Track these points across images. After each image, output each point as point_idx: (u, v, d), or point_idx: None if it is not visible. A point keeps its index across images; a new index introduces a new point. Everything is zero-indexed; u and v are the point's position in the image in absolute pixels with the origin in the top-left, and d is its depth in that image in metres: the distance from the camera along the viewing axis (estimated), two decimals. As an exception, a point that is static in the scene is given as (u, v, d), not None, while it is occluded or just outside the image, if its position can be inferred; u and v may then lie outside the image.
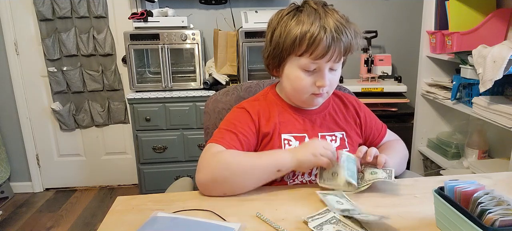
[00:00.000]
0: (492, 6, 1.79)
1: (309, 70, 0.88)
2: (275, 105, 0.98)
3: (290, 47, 0.88)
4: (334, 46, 0.85)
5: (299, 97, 0.94)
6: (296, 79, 0.90)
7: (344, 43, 0.86)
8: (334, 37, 0.85)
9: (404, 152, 1.05)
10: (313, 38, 0.84)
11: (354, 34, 0.89)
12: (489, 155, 1.89)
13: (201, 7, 2.51)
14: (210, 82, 2.23)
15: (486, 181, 0.90)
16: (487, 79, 1.44)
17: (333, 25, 0.85)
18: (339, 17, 0.89)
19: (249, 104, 0.98)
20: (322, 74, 0.88)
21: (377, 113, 2.38)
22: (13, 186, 2.70)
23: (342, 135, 0.99)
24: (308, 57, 0.86)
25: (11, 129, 2.61)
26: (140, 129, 2.20)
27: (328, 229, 0.69)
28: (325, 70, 0.88)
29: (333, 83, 0.93)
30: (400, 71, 2.66)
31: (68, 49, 2.45)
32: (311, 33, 0.84)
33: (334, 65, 0.89)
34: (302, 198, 0.82)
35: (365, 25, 2.53)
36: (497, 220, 0.58)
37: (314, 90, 0.90)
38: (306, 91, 0.91)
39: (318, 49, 0.85)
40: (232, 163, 0.82)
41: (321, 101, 0.98)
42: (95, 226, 2.24)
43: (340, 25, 0.86)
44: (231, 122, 0.94)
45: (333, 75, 0.91)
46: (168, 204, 0.82)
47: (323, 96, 0.94)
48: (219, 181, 0.82)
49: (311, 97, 0.93)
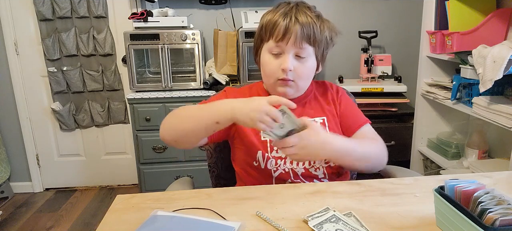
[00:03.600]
0: (492, 6, 1.79)
1: (274, 53, 0.95)
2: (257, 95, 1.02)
3: (260, 34, 0.98)
4: (293, 29, 0.91)
5: (269, 83, 0.99)
6: (265, 64, 0.97)
7: (305, 28, 0.91)
8: (292, 20, 0.91)
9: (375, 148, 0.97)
10: (274, 21, 0.93)
11: (322, 25, 0.95)
12: (489, 155, 1.89)
13: (201, 7, 2.51)
14: (210, 82, 2.23)
15: (486, 180, 0.90)
16: (487, 79, 1.44)
17: (295, 12, 0.93)
18: (309, 11, 0.95)
19: (231, 90, 1.07)
20: (285, 57, 0.93)
21: (377, 114, 2.38)
22: (13, 186, 2.70)
23: (323, 119, 1.02)
24: (272, 40, 0.94)
25: (11, 129, 2.61)
26: (140, 129, 2.20)
27: (328, 227, 0.69)
28: (288, 54, 0.93)
29: (300, 73, 0.95)
30: (400, 71, 2.66)
31: (68, 49, 2.45)
32: (274, 18, 0.94)
33: (299, 51, 0.93)
34: (302, 197, 0.82)
35: (365, 25, 2.53)
36: (497, 220, 0.58)
37: (279, 74, 0.94)
38: (273, 75, 0.96)
39: (278, 31, 0.92)
40: (180, 111, 0.91)
41: (290, 92, 0.97)
42: (95, 226, 2.23)
43: (304, 14, 0.93)
44: (212, 99, 1.03)
45: (301, 64, 0.95)
46: (167, 202, 0.82)
47: (291, 86, 0.96)
48: (170, 126, 0.91)
49: (278, 84, 0.96)
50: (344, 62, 2.63)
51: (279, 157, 0.97)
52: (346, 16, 2.57)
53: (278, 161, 0.97)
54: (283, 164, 0.97)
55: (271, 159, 0.97)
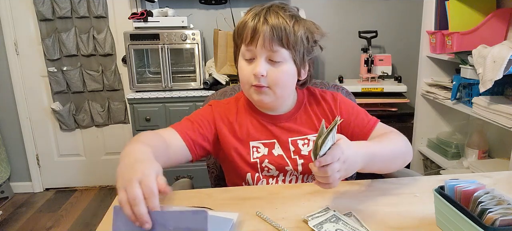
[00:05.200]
0: (492, 6, 1.79)
1: (246, 58, 0.90)
2: (245, 111, 0.99)
3: (234, 39, 0.93)
4: (261, 30, 0.84)
5: (245, 90, 0.94)
6: (240, 69, 0.92)
7: (274, 29, 0.84)
8: (261, 21, 0.85)
9: (399, 142, 0.89)
10: (243, 24, 0.88)
11: (296, 26, 0.86)
12: (489, 155, 1.89)
13: (201, 7, 2.51)
14: (210, 82, 2.23)
15: (486, 180, 0.90)
16: (487, 79, 1.44)
17: (265, 13, 0.86)
18: (283, 12, 0.87)
19: (216, 103, 1.01)
20: (257, 62, 0.87)
21: (377, 114, 2.38)
22: (13, 186, 2.70)
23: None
24: (243, 45, 0.89)
25: (11, 129, 2.61)
26: (140, 129, 2.20)
27: (328, 227, 0.69)
28: (259, 58, 0.87)
29: (274, 78, 0.87)
30: (400, 71, 2.66)
31: (68, 49, 2.45)
32: (244, 21, 0.88)
33: (272, 55, 0.86)
34: (302, 197, 0.82)
35: (365, 25, 2.53)
36: (497, 220, 0.58)
37: (252, 80, 0.88)
38: (247, 81, 0.90)
39: (246, 33, 0.87)
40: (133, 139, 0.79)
41: (266, 99, 0.90)
42: (95, 226, 2.23)
43: (275, 14, 0.86)
44: (196, 113, 0.98)
45: (276, 68, 0.87)
46: (167, 203, 0.82)
47: (265, 92, 0.89)
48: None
49: (253, 91, 0.90)
50: (344, 62, 2.63)
51: (271, 176, 0.94)
52: (346, 16, 2.57)
53: (270, 180, 0.94)
54: (275, 182, 0.94)
55: (262, 179, 0.94)
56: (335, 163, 0.68)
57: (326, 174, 0.68)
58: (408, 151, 0.91)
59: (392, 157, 0.87)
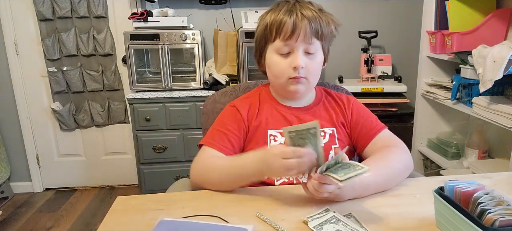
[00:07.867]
0: (492, 6, 1.79)
1: (283, 53, 0.93)
2: (266, 102, 1.02)
3: (264, 35, 0.96)
4: (301, 25, 0.90)
5: (279, 84, 0.97)
6: (274, 64, 0.95)
7: (312, 22, 0.91)
8: (299, 16, 0.90)
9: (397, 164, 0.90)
10: (280, 20, 0.91)
11: (326, 20, 0.94)
12: (489, 155, 1.89)
13: (201, 7, 2.51)
14: (210, 82, 2.23)
15: (486, 181, 0.90)
16: (487, 79, 1.44)
17: (299, 8, 0.92)
18: (312, 6, 0.94)
19: (240, 103, 1.03)
20: (296, 55, 0.91)
21: (377, 114, 2.38)
22: (13, 186, 2.70)
23: (332, 131, 1.00)
24: (279, 40, 0.92)
25: (11, 129, 2.61)
26: (140, 129, 2.20)
27: (328, 228, 0.69)
28: (298, 51, 0.91)
29: (311, 69, 0.94)
30: (400, 71, 2.66)
31: (68, 49, 2.45)
32: (279, 17, 0.92)
33: (308, 47, 0.92)
34: (302, 198, 0.82)
35: (365, 25, 2.53)
36: (497, 220, 0.58)
37: (291, 73, 0.93)
38: (283, 75, 0.94)
39: (286, 29, 0.90)
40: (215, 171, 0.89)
41: (302, 89, 0.96)
42: (95, 226, 2.24)
43: (308, 9, 0.92)
44: (222, 121, 1.00)
45: (311, 60, 0.93)
46: (168, 204, 0.82)
47: (302, 82, 0.94)
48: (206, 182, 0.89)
49: (290, 83, 0.94)
50: (344, 62, 2.63)
51: None
52: (346, 16, 2.57)
53: None
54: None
55: None
56: (332, 186, 0.74)
57: (319, 188, 0.74)
58: (407, 168, 0.92)
59: (386, 182, 0.87)
